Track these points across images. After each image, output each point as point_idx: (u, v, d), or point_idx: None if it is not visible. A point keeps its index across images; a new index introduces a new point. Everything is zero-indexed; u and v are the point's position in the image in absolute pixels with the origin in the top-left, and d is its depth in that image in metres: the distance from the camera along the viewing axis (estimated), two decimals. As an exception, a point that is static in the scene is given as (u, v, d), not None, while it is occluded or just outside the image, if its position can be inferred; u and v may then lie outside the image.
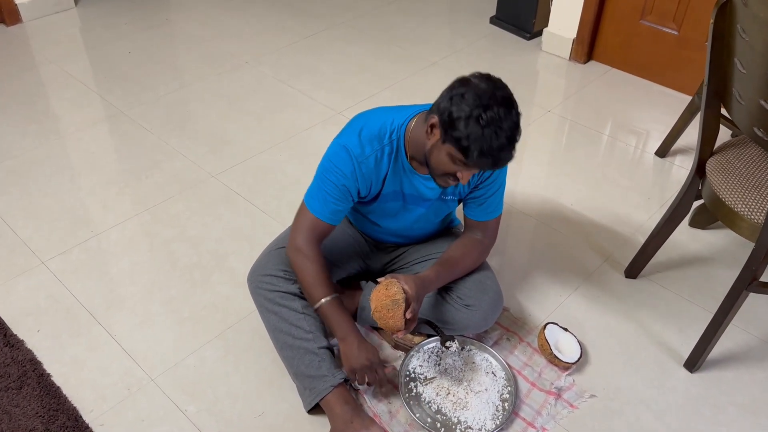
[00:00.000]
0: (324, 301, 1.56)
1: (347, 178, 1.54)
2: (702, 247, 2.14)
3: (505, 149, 1.35)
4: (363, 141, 1.53)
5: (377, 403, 1.65)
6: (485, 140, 1.33)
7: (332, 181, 1.55)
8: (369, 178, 1.56)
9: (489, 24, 3.46)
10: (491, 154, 1.35)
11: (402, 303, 1.48)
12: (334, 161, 1.54)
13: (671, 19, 2.81)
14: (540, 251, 2.12)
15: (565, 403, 1.67)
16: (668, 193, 2.36)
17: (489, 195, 1.66)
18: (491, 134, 1.32)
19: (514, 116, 1.36)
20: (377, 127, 1.54)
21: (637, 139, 2.66)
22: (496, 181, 1.65)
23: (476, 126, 1.32)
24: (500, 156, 1.36)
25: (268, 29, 3.40)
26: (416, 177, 1.59)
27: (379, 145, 1.53)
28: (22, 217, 2.20)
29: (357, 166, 1.52)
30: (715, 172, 1.67)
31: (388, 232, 1.79)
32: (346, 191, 1.56)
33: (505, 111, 1.34)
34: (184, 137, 2.60)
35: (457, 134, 1.35)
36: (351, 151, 1.52)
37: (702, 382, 1.73)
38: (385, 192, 1.61)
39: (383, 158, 1.55)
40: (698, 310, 1.92)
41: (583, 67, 3.12)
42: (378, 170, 1.56)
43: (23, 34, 3.27)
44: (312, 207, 1.59)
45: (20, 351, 1.78)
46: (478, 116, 1.32)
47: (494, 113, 1.32)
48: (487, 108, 1.32)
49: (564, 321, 1.87)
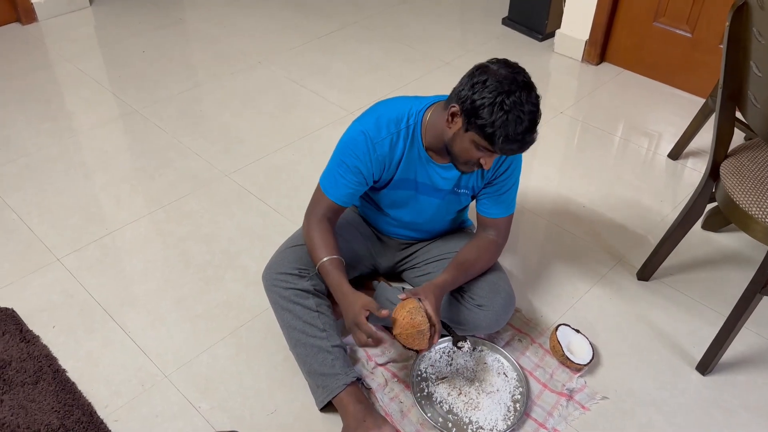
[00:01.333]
0: (324, 260, 1.58)
1: (360, 161, 1.57)
2: (715, 249, 2.13)
3: (528, 132, 1.38)
4: (380, 124, 1.56)
5: (389, 402, 1.66)
6: (510, 126, 1.35)
7: (346, 162, 1.58)
8: (382, 162, 1.58)
9: (501, 25, 3.46)
10: (516, 139, 1.37)
11: (427, 332, 1.49)
12: (349, 143, 1.58)
13: (685, 21, 2.80)
14: (552, 252, 2.13)
15: (577, 404, 1.67)
16: (681, 196, 2.35)
17: (503, 192, 1.67)
18: (515, 119, 1.35)
19: (534, 99, 1.38)
20: (395, 112, 1.58)
21: (649, 141, 2.65)
22: (511, 177, 1.66)
23: (500, 112, 1.34)
24: (525, 140, 1.38)
25: (281, 29, 3.42)
26: (431, 165, 1.61)
27: (396, 129, 1.56)
28: (38, 213, 2.23)
29: (372, 148, 1.56)
30: (729, 174, 1.67)
31: (399, 224, 1.80)
32: (359, 173, 1.59)
33: (527, 95, 1.36)
34: (197, 136, 2.62)
35: (481, 122, 1.37)
36: (367, 133, 1.56)
37: (714, 385, 1.73)
38: (397, 178, 1.63)
39: (398, 142, 1.57)
40: (711, 312, 1.92)
41: (596, 68, 3.11)
42: (392, 155, 1.58)
43: (39, 32, 3.30)
44: (325, 187, 1.64)
45: (36, 346, 1.80)
46: (501, 102, 1.34)
47: (516, 98, 1.35)
48: (509, 93, 1.35)
49: (576, 322, 1.88)
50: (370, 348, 1.77)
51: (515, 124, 1.35)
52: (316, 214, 1.65)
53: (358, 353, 1.76)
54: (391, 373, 1.72)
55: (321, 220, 1.64)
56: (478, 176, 1.65)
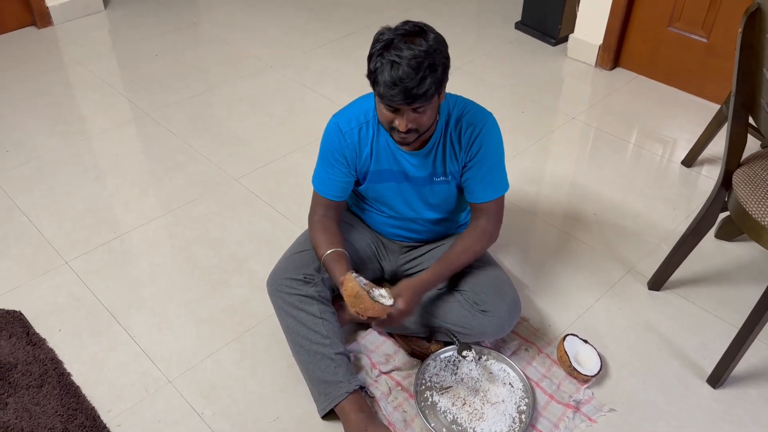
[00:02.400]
0: (325, 254, 1.62)
1: (337, 150, 1.64)
2: (728, 259, 2.09)
3: (409, 77, 1.36)
4: (350, 116, 1.64)
5: (393, 411, 1.64)
6: (384, 69, 1.37)
7: (326, 156, 1.67)
8: (354, 150, 1.63)
9: (514, 29, 3.44)
10: (394, 84, 1.37)
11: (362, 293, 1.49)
12: (325, 137, 1.67)
13: (700, 26, 2.76)
14: (561, 260, 2.10)
15: (584, 416, 1.64)
16: (694, 204, 2.32)
17: (483, 173, 1.63)
18: (390, 62, 1.37)
19: (422, 45, 1.38)
20: (366, 104, 1.63)
21: (663, 147, 2.61)
22: (487, 156, 1.61)
23: (378, 58, 1.39)
24: (404, 83, 1.37)
25: (293, 33, 3.42)
26: (399, 153, 1.63)
27: (365, 119, 1.62)
28: (47, 216, 2.24)
29: (342, 137, 1.62)
30: (741, 184, 1.63)
31: (395, 223, 1.79)
32: (341, 163, 1.65)
33: (414, 39, 1.38)
34: (207, 140, 2.62)
35: (369, 71, 1.42)
36: (338, 124, 1.64)
37: (725, 398, 1.69)
38: (373, 170, 1.66)
39: (368, 131, 1.62)
40: (723, 324, 1.88)
41: (609, 73, 3.08)
42: (361, 144, 1.63)
43: (53, 36, 3.33)
44: (316, 187, 1.72)
45: (42, 350, 1.80)
46: (381, 49, 1.39)
47: (401, 42, 1.37)
48: (395, 40, 1.38)
49: (584, 333, 1.85)
50: (374, 356, 1.76)
51: (391, 66, 1.36)
52: (315, 216, 1.71)
53: (362, 361, 1.75)
54: (395, 382, 1.71)
55: (320, 220, 1.70)
56: (452, 160, 1.62)
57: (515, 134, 2.64)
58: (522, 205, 2.30)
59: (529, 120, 2.76)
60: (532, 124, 2.74)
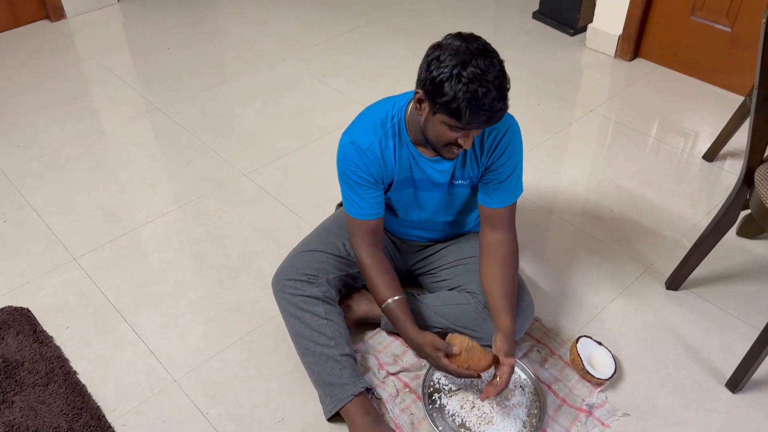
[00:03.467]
0: (389, 301, 1.57)
1: (361, 169, 1.54)
2: (750, 258, 2.02)
3: (496, 101, 1.30)
4: (366, 130, 1.53)
5: (400, 414, 1.61)
6: (473, 96, 1.28)
7: (351, 177, 1.56)
8: (379, 165, 1.54)
9: (532, 19, 3.36)
10: (483, 109, 1.29)
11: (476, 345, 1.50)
12: (343, 158, 1.56)
13: (724, 15, 2.67)
14: (576, 259, 2.04)
15: (597, 421, 1.59)
16: (716, 200, 2.24)
17: (503, 178, 1.57)
18: (476, 88, 1.27)
19: (496, 65, 1.31)
20: (379, 115, 1.54)
21: (684, 141, 2.54)
22: (510, 162, 1.56)
23: (459, 84, 1.27)
24: (493, 108, 1.30)
25: (305, 25, 3.38)
26: (423, 160, 1.55)
27: (382, 130, 1.53)
28: (57, 212, 2.23)
29: (364, 155, 1.52)
30: (764, 181, 1.57)
31: (410, 225, 1.75)
32: (369, 180, 1.55)
33: (485, 62, 1.29)
34: (218, 134, 2.60)
35: (444, 99, 1.30)
36: (355, 142, 1.53)
37: (745, 403, 1.64)
38: (397, 179, 1.58)
39: (388, 143, 1.53)
40: (743, 326, 1.82)
41: (629, 64, 3.00)
42: (385, 156, 1.54)
43: (67, 29, 3.33)
44: (352, 213, 1.60)
45: (49, 347, 1.80)
46: (458, 74, 1.27)
47: (474, 67, 1.27)
48: (466, 64, 1.28)
49: (598, 334, 1.79)
50: (381, 356, 1.73)
51: (478, 93, 1.27)
52: (362, 246, 1.61)
53: (369, 361, 1.72)
54: (402, 383, 1.67)
55: (369, 253, 1.60)
56: (473, 164, 1.56)
57: (531, 127, 2.58)
58: (537, 201, 2.25)
59: (546, 112, 2.70)
60: (549, 116, 2.67)
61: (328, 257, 1.71)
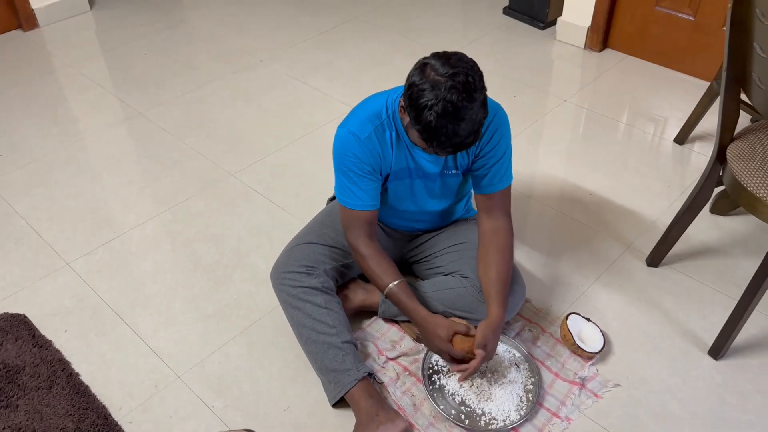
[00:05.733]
0: (391, 286, 1.61)
1: (360, 159, 1.56)
2: (723, 234, 2.12)
3: (464, 136, 1.36)
4: (363, 121, 1.56)
5: (401, 396, 1.66)
6: (442, 132, 1.34)
7: (350, 168, 1.57)
8: (377, 155, 1.58)
9: (502, 15, 3.44)
10: (451, 144, 1.36)
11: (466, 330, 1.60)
12: (342, 148, 1.57)
13: (687, 4, 2.78)
14: (560, 241, 2.12)
15: (590, 393, 1.67)
16: (688, 180, 2.34)
17: (493, 162, 1.62)
18: (446, 125, 1.33)
19: (476, 98, 1.35)
20: (374, 107, 1.58)
21: (655, 126, 2.64)
22: (498, 147, 1.61)
23: (434, 118, 1.33)
24: (461, 143, 1.37)
25: (282, 26, 3.42)
26: (415, 150, 1.60)
27: (379, 121, 1.56)
28: (46, 219, 2.24)
29: (362, 144, 1.55)
30: (736, 157, 1.66)
31: (402, 216, 1.79)
32: (368, 170, 1.58)
33: (463, 98, 1.33)
34: (202, 136, 2.62)
35: (418, 126, 1.37)
36: (354, 132, 1.55)
37: (727, 369, 1.73)
38: (394, 169, 1.63)
39: (385, 133, 1.57)
40: (721, 297, 1.91)
41: (599, 55, 3.10)
42: (383, 146, 1.58)
43: (40, 38, 3.31)
44: (346, 202, 1.62)
45: (49, 351, 1.81)
46: (432, 107, 1.32)
47: (450, 103, 1.32)
48: (442, 100, 1.32)
49: (586, 311, 1.87)
50: (380, 342, 1.78)
51: (447, 130, 1.33)
52: (358, 236, 1.63)
53: (368, 348, 1.77)
54: (402, 367, 1.73)
55: (366, 243, 1.63)
56: (463, 154, 1.62)
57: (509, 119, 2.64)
58: (519, 188, 2.32)
59: (522, 104, 2.78)
60: (525, 108, 2.75)
61: (324, 249, 1.75)
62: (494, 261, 1.62)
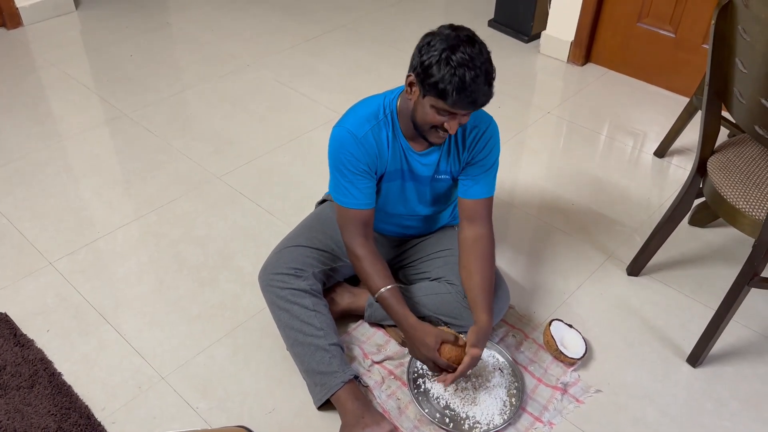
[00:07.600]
0: (382, 290, 1.61)
1: (356, 157, 1.58)
2: (702, 245, 2.18)
3: (481, 84, 1.39)
4: (360, 121, 1.58)
5: (387, 399, 1.67)
6: (460, 78, 1.37)
7: (347, 166, 1.58)
8: (373, 154, 1.59)
9: (487, 27, 3.50)
10: (468, 91, 1.39)
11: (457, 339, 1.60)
12: (338, 146, 1.58)
13: (668, 21, 2.85)
14: (543, 250, 2.15)
15: (571, 398, 1.69)
16: (667, 193, 2.40)
17: (484, 170, 1.65)
18: (464, 71, 1.37)
19: (484, 53, 1.41)
20: (371, 107, 1.61)
21: (635, 139, 2.69)
22: (491, 155, 1.65)
23: (447, 66, 1.38)
24: (478, 91, 1.40)
25: (269, 31, 3.43)
26: (411, 153, 1.62)
27: (375, 121, 1.59)
28: (29, 218, 2.21)
29: (359, 143, 1.57)
30: (716, 170, 1.71)
31: (390, 220, 1.81)
32: (364, 168, 1.59)
33: (473, 49, 1.39)
34: (187, 139, 2.62)
35: (432, 80, 1.40)
36: (350, 130, 1.57)
37: (705, 376, 1.77)
38: (389, 170, 1.64)
39: (381, 132, 1.59)
40: (700, 306, 1.96)
41: (581, 69, 3.16)
42: (379, 145, 1.60)
43: (24, 37, 3.28)
44: (341, 201, 1.63)
45: (31, 350, 1.79)
46: (447, 57, 1.38)
47: (463, 52, 1.38)
48: (455, 48, 1.38)
49: (568, 318, 1.90)
50: (365, 346, 1.79)
51: (465, 75, 1.37)
52: (354, 237, 1.63)
53: (354, 351, 1.78)
54: (387, 371, 1.74)
55: (362, 244, 1.63)
56: (455, 159, 1.65)
57: (493, 129, 2.69)
58: (503, 197, 2.36)
59: (506, 115, 2.82)
60: (509, 119, 2.80)
61: (313, 252, 1.76)
62: (478, 268, 1.64)
